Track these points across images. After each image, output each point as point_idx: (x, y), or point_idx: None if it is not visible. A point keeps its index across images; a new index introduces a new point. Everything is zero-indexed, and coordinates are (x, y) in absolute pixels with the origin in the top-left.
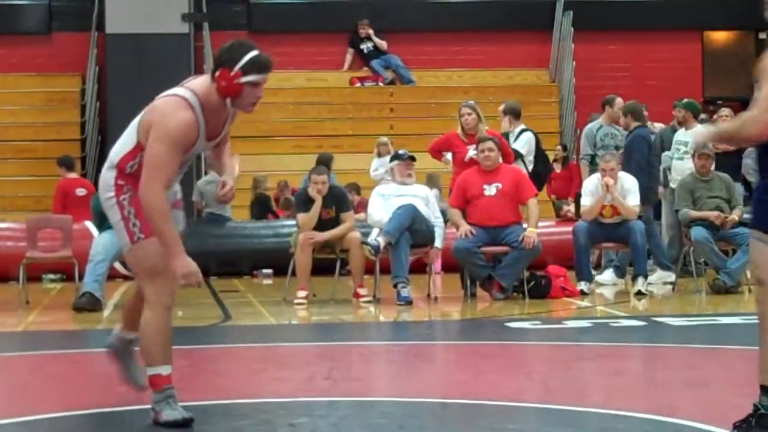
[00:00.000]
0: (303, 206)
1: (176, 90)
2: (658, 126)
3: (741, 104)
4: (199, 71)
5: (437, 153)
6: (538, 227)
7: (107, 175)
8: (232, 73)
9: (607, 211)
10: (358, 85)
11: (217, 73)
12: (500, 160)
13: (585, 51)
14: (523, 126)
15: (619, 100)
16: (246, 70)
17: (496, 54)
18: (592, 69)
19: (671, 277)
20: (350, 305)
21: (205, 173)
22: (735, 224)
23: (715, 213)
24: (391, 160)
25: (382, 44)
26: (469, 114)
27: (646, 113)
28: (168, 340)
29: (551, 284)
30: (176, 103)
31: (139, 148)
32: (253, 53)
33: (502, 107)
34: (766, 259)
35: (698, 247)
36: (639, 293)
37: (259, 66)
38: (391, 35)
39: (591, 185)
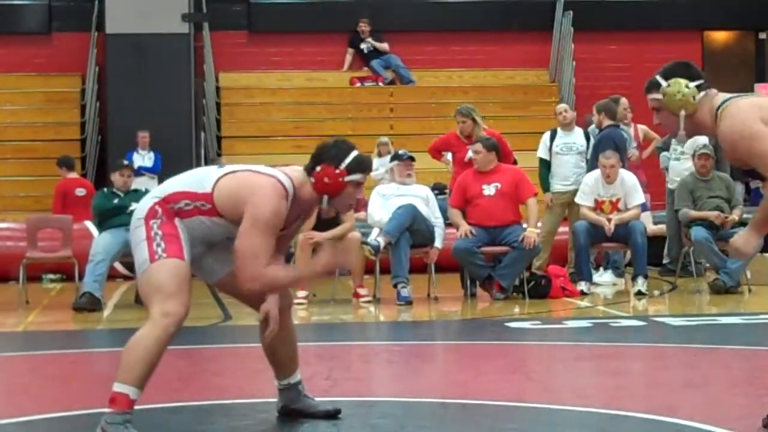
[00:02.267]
0: None
1: (274, 172)
2: (642, 128)
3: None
4: (199, 71)
5: (437, 153)
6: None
7: (145, 203)
8: (338, 171)
9: (606, 206)
10: (358, 85)
11: (319, 169)
12: (494, 161)
13: (585, 51)
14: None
15: (623, 100)
16: (351, 170)
17: (496, 54)
18: (592, 69)
19: (620, 282)
20: (350, 305)
21: None
22: (735, 224)
23: (715, 213)
24: (391, 160)
25: (383, 46)
26: (464, 122)
27: (630, 114)
28: (153, 365)
29: (551, 284)
30: (276, 188)
31: (206, 198)
32: (357, 153)
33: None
34: None
35: (698, 247)
36: (639, 293)
37: (364, 166)
38: (391, 35)
39: (590, 181)
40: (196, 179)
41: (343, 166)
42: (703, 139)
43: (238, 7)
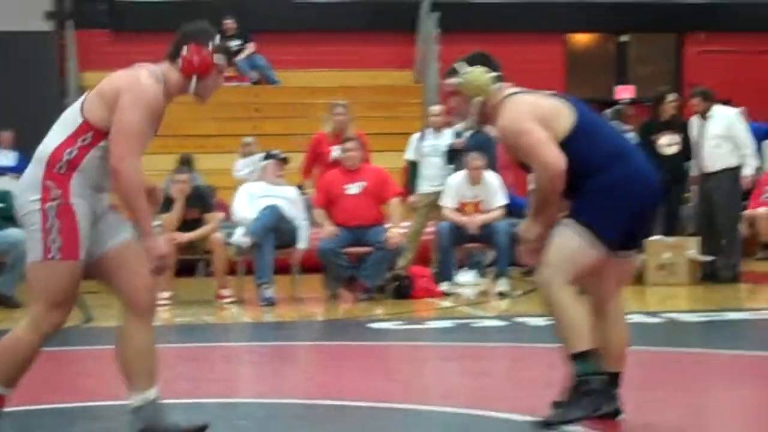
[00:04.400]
0: (165, 206)
1: (137, 66)
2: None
3: (602, 105)
4: (62, 70)
5: (309, 172)
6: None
7: (32, 172)
8: (207, 50)
9: (469, 208)
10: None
11: (186, 50)
12: (362, 159)
13: (450, 52)
14: None
15: None
16: (218, 50)
17: (361, 54)
18: None
19: (482, 282)
20: (213, 306)
21: None
22: None
23: None
24: (265, 158)
25: (248, 45)
26: (342, 114)
27: None
28: (26, 369)
29: (414, 285)
30: (148, 73)
31: (83, 129)
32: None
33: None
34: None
35: None
36: (501, 293)
37: (228, 51)
38: (256, 35)
39: (454, 183)
40: (64, 121)
41: (211, 46)
42: None
43: (102, 6)
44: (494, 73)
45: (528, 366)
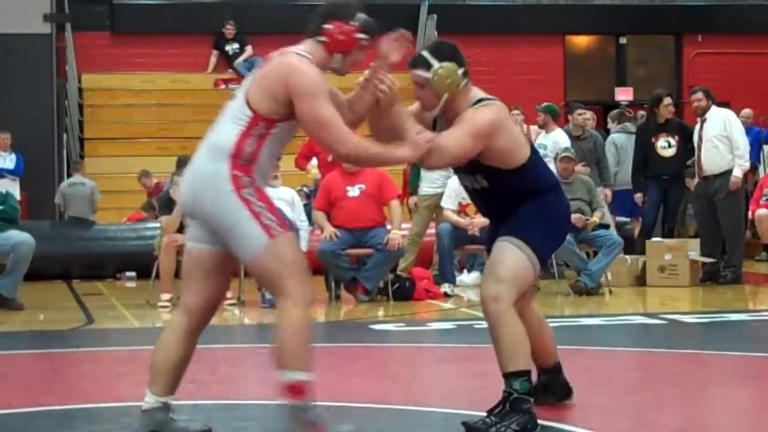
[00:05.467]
0: (166, 208)
1: (287, 51)
2: (534, 129)
3: (602, 107)
4: (61, 72)
5: (303, 161)
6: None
7: (216, 168)
8: (351, 26)
9: (470, 209)
10: (223, 87)
11: (331, 26)
12: None
13: None
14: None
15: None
16: (362, 28)
17: None
18: None
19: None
20: None
21: (68, 176)
22: (596, 226)
23: (576, 215)
24: None
25: (248, 48)
26: None
27: (521, 116)
28: (311, 345)
29: (415, 286)
30: (298, 59)
31: (254, 121)
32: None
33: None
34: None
35: (560, 249)
36: None
37: (371, 28)
38: (256, 37)
39: (454, 185)
40: (231, 116)
41: (354, 22)
42: (564, 143)
43: (100, 8)
44: (463, 69)
45: None
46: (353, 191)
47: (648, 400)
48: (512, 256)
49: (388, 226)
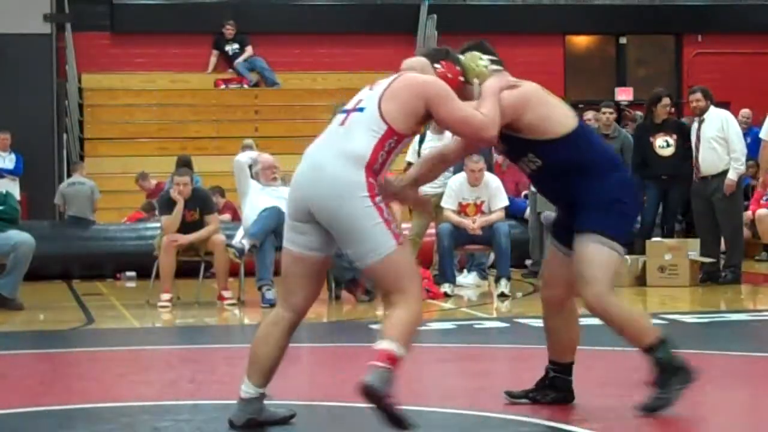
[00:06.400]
0: (166, 208)
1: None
2: None
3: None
4: (61, 72)
5: None
6: None
7: (355, 176)
8: (455, 71)
9: (470, 209)
10: (223, 87)
11: (441, 65)
12: None
13: None
14: None
15: None
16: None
17: (360, 56)
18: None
19: (484, 283)
20: (214, 308)
21: (68, 175)
22: None
23: None
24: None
25: (248, 48)
26: None
27: None
28: (415, 337)
29: None
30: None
31: (388, 134)
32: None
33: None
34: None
35: None
36: (502, 295)
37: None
38: (255, 37)
39: (455, 185)
40: (365, 127)
41: (459, 67)
42: None
43: (100, 8)
44: (488, 57)
45: (529, 367)
46: None
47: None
48: (592, 252)
49: None
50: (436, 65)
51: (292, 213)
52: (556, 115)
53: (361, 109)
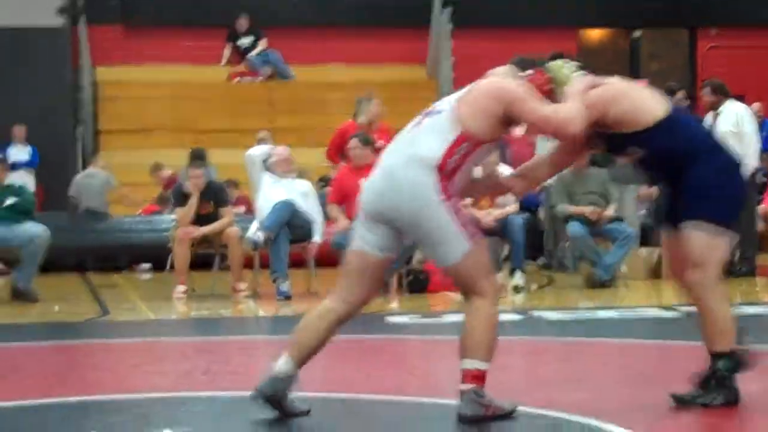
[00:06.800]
0: (180, 201)
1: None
2: None
3: None
4: (74, 65)
5: (335, 155)
6: None
7: (427, 180)
8: (545, 78)
9: (484, 202)
10: (237, 80)
11: (532, 72)
12: (370, 155)
13: (463, 47)
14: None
15: None
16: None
17: (374, 50)
18: (470, 65)
19: (498, 276)
20: (229, 300)
21: (83, 168)
22: (610, 219)
23: (591, 208)
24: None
25: (262, 41)
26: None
27: None
28: (497, 339)
29: (430, 279)
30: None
31: (461, 139)
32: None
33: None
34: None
35: (575, 242)
36: (516, 287)
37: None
38: (269, 30)
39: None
40: (437, 130)
41: (548, 76)
42: None
43: (114, 1)
44: (572, 63)
45: (544, 360)
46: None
47: (664, 393)
48: (697, 239)
49: None
50: (528, 71)
51: (365, 214)
52: (644, 106)
53: (437, 112)
